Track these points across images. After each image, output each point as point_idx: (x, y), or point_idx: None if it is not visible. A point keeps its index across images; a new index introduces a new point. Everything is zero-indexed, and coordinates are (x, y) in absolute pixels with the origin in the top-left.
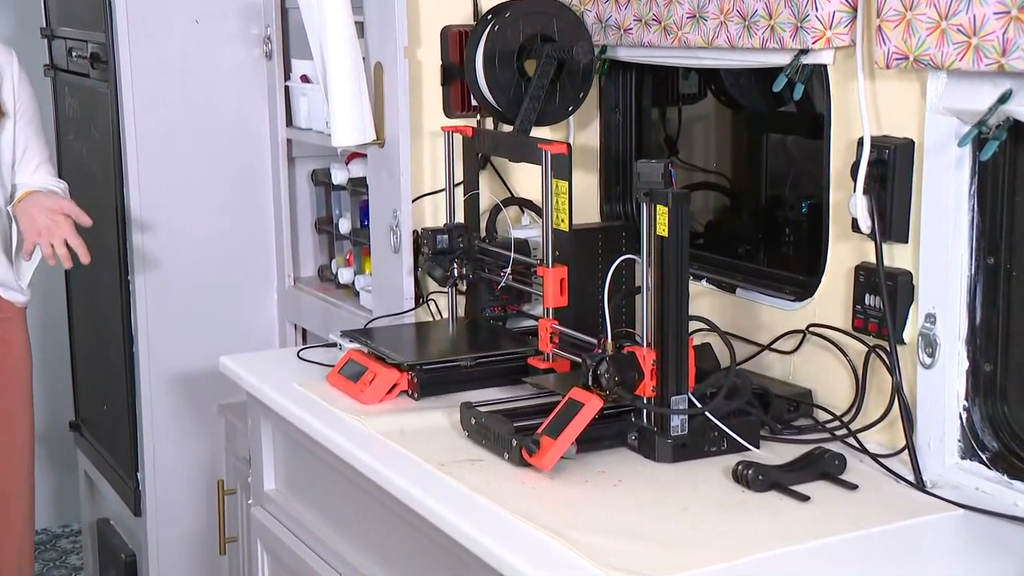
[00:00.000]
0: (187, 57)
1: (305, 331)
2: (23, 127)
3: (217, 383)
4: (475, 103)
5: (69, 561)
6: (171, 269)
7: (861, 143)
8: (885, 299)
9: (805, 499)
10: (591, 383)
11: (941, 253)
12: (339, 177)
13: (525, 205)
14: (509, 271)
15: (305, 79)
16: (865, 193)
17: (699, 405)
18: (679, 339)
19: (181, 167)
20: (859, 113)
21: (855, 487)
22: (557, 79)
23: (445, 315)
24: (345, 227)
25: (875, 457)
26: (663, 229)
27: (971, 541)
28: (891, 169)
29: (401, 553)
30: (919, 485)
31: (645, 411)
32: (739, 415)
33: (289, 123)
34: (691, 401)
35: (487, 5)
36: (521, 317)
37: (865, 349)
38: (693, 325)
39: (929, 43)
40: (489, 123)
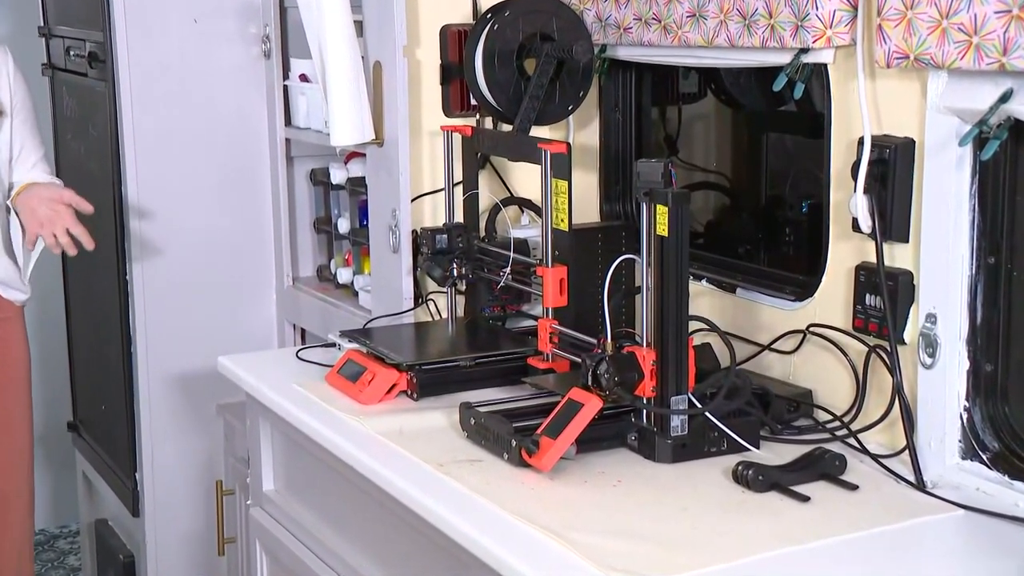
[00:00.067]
0: (185, 56)
1: (304, 331)
2: (19, 125)
3: (216, 383)
4: (474, 102)
5: (67, 562)
6: (169, 269)
7: (861, 142)
8: (886, 299)
9: (805, 499)
10: (591, 383)
11: (942, 253)
12: (338, 177)
13: (524, 205)
14: (508, 271)
15: (304, 78)
16: (865, 193)
17: (699, 405)
18: (679, 339)
19: (179, 166)
20: (860, 112)
21: (855, 487)
22: (557, 78)
23: (444, 315)
24: (344, 227)
25: (875, 457)
26: (663, 229)
27: (972, 541)
28: (892, 168)
29: (400, 554)
30: (920, 485)
31: (645, 411)
32: (739, 415)
33: (288, 122)
34: (691, 401)
35: (486, 4)
36: (520, 317)
37: (865, 349)
38: (693, 325)
39: (930, 42)
40: (488, 122)
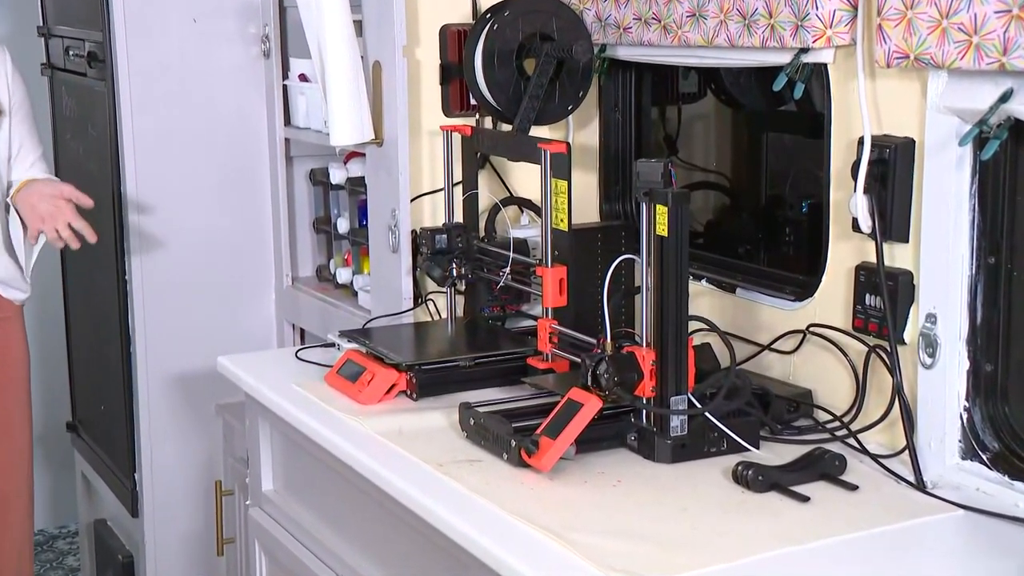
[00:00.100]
0: (185, 56)
1: (303, 331)
2: (17, 124)
3: (215, 383)
4: (474, 102)
5: (66, 562)
6: (168, 269)
7: (861, 142)
8: (885, 299)
9: (805, 500)
10: (590, 383)
11: (942, 253)
12: (337, 176)
13: (524, 204)
14: (508, 271)
15: (303, 78)
16: (865, 192)
17: (699, 405)
18: (679, 339)
19: (179, 166)
20: (859, 112)
21: (855, 488)
22: (556, 78)
23: (444, 315)
24: (343, 227)
25: (875, 458)
26: (663, 229)
27: (972, 542)
28: (892, 168)
29: (399, 554)
30: (919, 486)
31: (644, 411)
32: (739, 415)
33: (287, 122)
34: (691, 401)
35: (486, 4)
36: (520, 317)
37: (865, 349)
38: (693, 325)
39: (930, 42)
40: (488, 122)
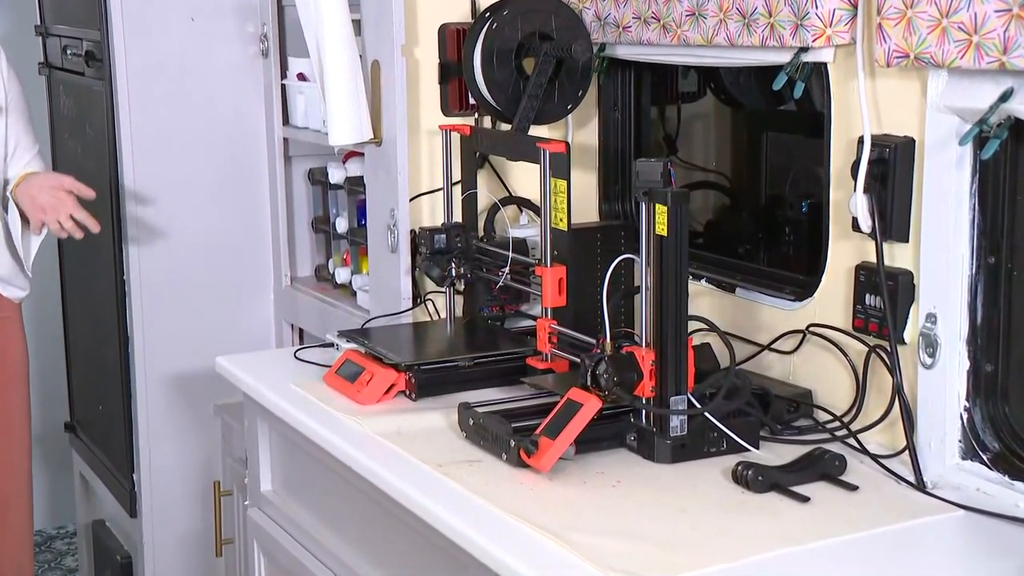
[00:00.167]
0: (183, 55)
1: (302, 331)
2: (13, 122)
3: (213, 384)
4: (473, 101)
5: (64, 563)
6: (167, 269)
7: (861, 142)
8: (886, 299)
9: (805, 500)
10: (590, 383)
11: (942, 252)
12: (336, 176)
13: (523, 204)
14: (507, 271)
15: (302, 77)
16: (865, 192)
17: (698, 405)
18: (678, 339)
19: (177, 166)
20: (859, 111)
21: (855, 488)
22: (555, 77)
23: (443, 315)
24: (342, 226)
25: (875, 458)
26: (662, 228)
27: (972, 542)
28: (892, 168)
29: (398, 554)
30: (920, 486)
31: (644, 412)
32: (739, 415)
33: (286, 122)
34: (690, 401)
35: (485, 3)
36: (519, 317)
37: (865, 349)
38: (692, 325)
39: (930, 41)
40: (487, 122)
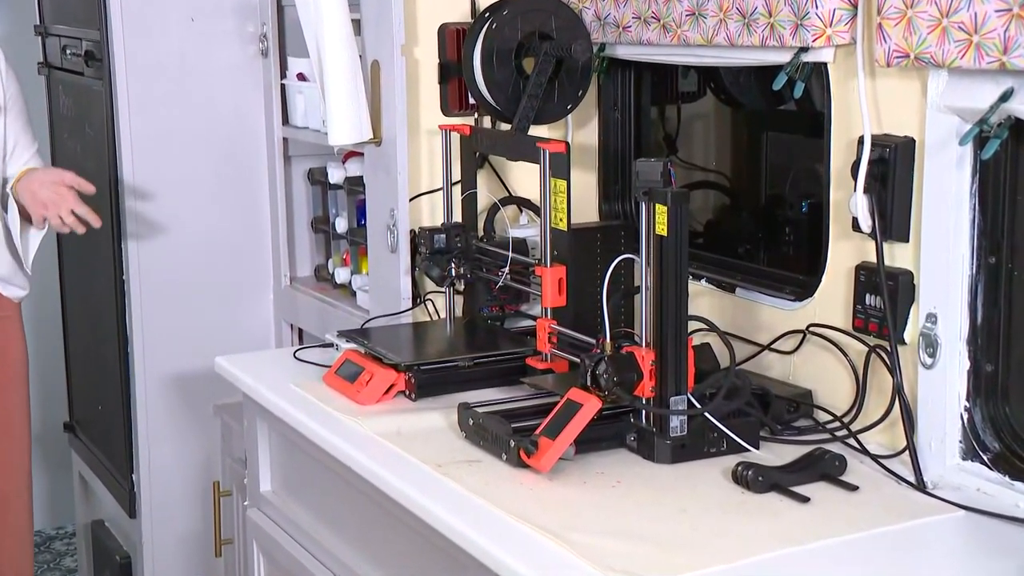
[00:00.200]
0: (182, 55)
1: (301, 331)
2: (11, 121)
3: (213, 384)
4: (473, 101)
5: (63, 563)
6: (166, 269)
7: (861, 142)
8: (886, 299)
9: (805, 500)
10: (590, 383)
11: (942, 252)
12: (336, 176)
13: (523, 204)
14: (507, 271)
15: (301, 77)
16: (866, 192)
17: (698, 406)
18: (678, 339)
19: (176, 166)
20: (860, 111)
21: (855, 488)
22: (555, 77)
23: (443, 315)
24: (342, 226)
25: (876, 458)
26: (662, 228)
27: (972, 542)
28: (892, 168)
29: (398, 554)
30: (920, 486)
31: (644, 412)
32: (739, 416)
33: (285, 122)
34: (690, 402)
35: (485, 3)
36: (519, 317)
37: (866, 349)
38: (692, 325)
39: (930, 41)
40: (487, 121)
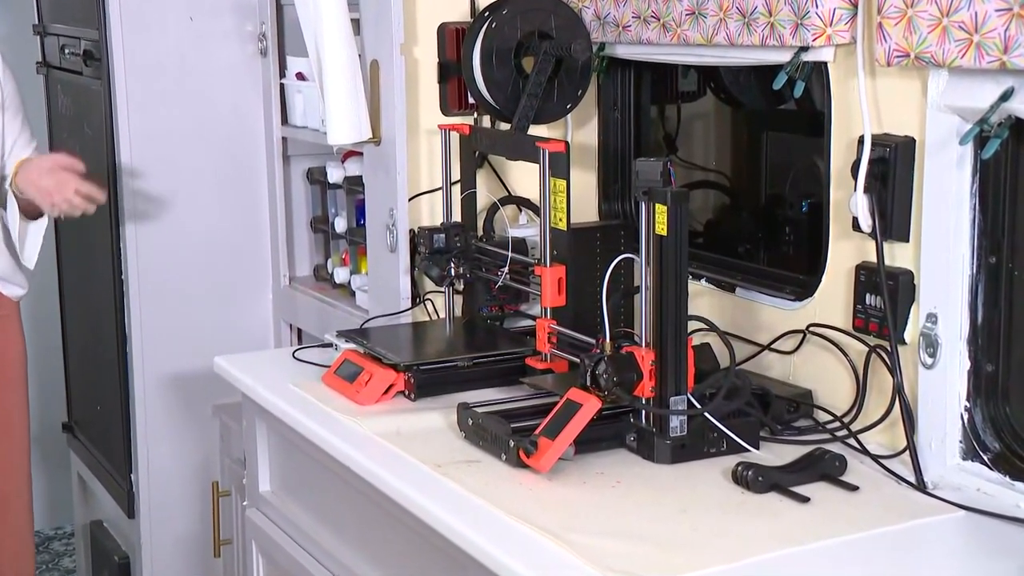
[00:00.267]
0: (181, 55)
1: (300, 331)
2: (10, 119)
3: (211, 384)
4: (472, 101)
5: (62, 563)
6: (165, 268)
7: (862, 141)
8: (886, 299)
9: (805, 500)
10: (589, 383)
11: (942, 252)
12: (335, 176)
13: (523, 204)
14: (506, 270)
15: (301, 77)
16: (866, 192)
17: (698, 406)
18: (678, 339)
19: (175, 166)
20: (860, 111)
21: (856, 488)
22: (555, 77)
23: (442, 315)
24: (341, 226)
25: (876, 458)
26: (662, 228)
27: (972, 543)
28: (892, 167)
29: (397, 555)
30: (920, 486)
31: (644, 412)
32: (739, 416)
33: (284, 121)
34: (690, 402)
35: (484, 2)
36: (519, 317)
37: (866, 349)
38: (692, 325)
39: (930, 40)
40: (486, 121)
